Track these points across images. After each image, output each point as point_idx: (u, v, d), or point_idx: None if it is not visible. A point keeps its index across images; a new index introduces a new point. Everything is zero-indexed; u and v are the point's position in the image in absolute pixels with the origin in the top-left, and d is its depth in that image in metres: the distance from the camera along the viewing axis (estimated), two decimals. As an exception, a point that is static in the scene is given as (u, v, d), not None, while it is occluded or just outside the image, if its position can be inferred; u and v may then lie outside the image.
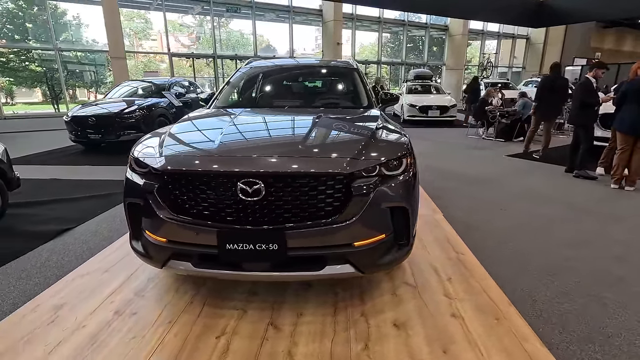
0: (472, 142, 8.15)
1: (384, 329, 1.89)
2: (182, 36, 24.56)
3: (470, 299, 2.13)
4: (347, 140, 2.02)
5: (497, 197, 4.13)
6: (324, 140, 1.98)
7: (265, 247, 1.71)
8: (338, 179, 1.70)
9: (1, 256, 2.70)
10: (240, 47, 22.55)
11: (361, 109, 2.84)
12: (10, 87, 21.48)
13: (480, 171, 5.40)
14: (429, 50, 24.85)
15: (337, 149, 1.86)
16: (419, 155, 6.53)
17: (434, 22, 23.81)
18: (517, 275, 2.43)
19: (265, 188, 1.66)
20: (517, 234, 3.09)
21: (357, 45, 28.52)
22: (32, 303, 2.12)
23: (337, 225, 1.74)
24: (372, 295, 2.18)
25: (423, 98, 11.52)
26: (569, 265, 2.56)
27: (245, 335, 1.85)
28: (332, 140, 2.02)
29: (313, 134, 2.00)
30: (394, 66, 25.48)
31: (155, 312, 2.05)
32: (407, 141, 2.10)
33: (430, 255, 2.68)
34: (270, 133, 2.13)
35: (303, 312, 2.03)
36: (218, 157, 1.75)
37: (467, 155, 6.77)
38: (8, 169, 3.43)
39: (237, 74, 3.30)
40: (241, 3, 17.88)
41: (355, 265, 1.82)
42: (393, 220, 1.92)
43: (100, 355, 1.72)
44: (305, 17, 20.61)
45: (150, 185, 1.81)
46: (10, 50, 18.28)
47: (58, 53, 15.03)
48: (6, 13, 17.57)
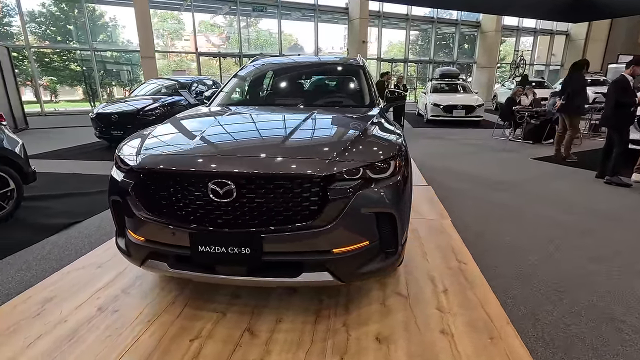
0: (497, 144, 7.75)
1: (365, 342, 1.77)
2: (213, 36, 25.18)
3: (465, 314, 1.97)
4: (329, 141, 1.91)
5: (515, 202, 3.86)
6: (305, 141, 1.88)
7: (237, 251, 1.64)
8: (313, 182, 1.61)
9: (8, 246, 2.82)
10: (268, 46, 22.73)
11: (360, 108, 2.72)
12: (55, 86, 22.90)
13: (500, 174, 5.10)
14: (459, 47, 24.03)
15: (316, 150, 1.76)
16: (434, 156, 6.29)
17: (465, 19, 22.97)
18: (522, 290, 2.23)
19: (236, 190, 1.59)
20: (530, 244, 2.85)
21: (385, 43, 28.14)
22: (25, 294, 2.18)
23: (313, 230, 1.64)
24: (358, 305, 2.07)
25: (448, 97, 11.10)
26: (584, 281, 2.32)
27: (220, 340, 1.80)
28: (314, 141, 1.93)
29: (296, 134, 1.92)
30: (422, 64, 24.85)
31: (137, 310, 2.04)
32: (399, 143, 1.96)
33: (428, 264, 2.52)
34: (252, 133, 2.06)
35: (283, 319, 1.95)
36: (190, 156, 1.70)
37: (488, 157, 6.43)
38: (24, 164, 3.58)
39: (239, 72, 3.26)
40: (267, 2, 18.02)
41: (333, 274, 1.72)
42: (379, 226, 1.80)
43: (75, 351, 1.72)
44: (331, 15, 20.49)
45: (129, 184, 1.79)
46: (53, 51, 19.42)
47: (93, 53, 15.77)
48: (50, 16, 18.68)
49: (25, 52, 15.42)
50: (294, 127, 2.03)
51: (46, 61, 19.27)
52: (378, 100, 2.96)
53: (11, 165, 3.45)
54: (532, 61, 26.11)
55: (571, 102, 5.63)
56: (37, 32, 18.66)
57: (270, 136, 1.91)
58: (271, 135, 1.93)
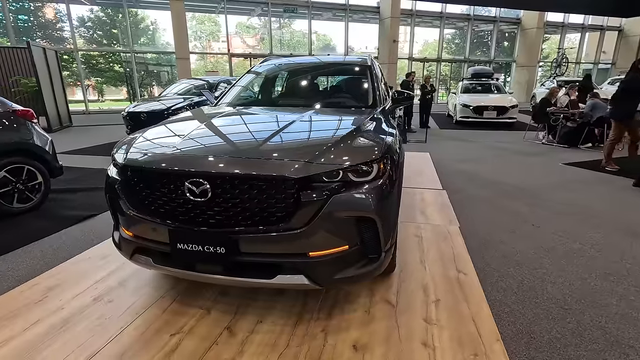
0: (527, 147, 7.31)
1: (340, 349, 1.73)
2: (248, 37, 25.83)
3: (452, 327, 1.87)
4: (310, 143, 1.87)
5: (535, 211, 3.62)
6: (286, 142, 1.86)
7: (212, 250, 1.66)
8: (286, 184, 1.59)
9: (30, 235, 3.04)
10: (301, 46, 22.92)
11: (359, 109, 2.66)
12: (101, 86, 24.49)
13: (524, 180, 4.80)
14: (497, 45, 22.95)
15: (293, 151, 1.74)
16: (455, 159, 6.07)
17: (504, 16, 21.91)
18: (523, 305, 2.07)
19: (212, 189, 1.61)
20: (542, 257, 2.65)
21: (421, 42, 27.47)
22: (32, 281, 2.34)
23: (287, 232, 1.62)
24: (342, 310, 2.02)
25: (479, 98, 10.64)
26: (594, 301, 2.12)
27: (199, 336, 1.83)
28: (295, 142, 1.90)
29: (278, 136, 1.91)
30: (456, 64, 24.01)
31: (129, 302, 2.12)
32: (386, 146, 1.89)
33: (425, 272, 2.42)
34: (237, 134, 2.07)
35: (264, 320, 1.94)
36: (169, 155, 1.74)
37: (515, 161, 6.08)
38: (52, 159, 3.84)
39: (246, 73, 3.31)
40: (298, 3, 18.17)
41: (310, 277, 1.69)
42: (360, 231, 1.75)
43: (64, 338, 1.82)
44: (363, 14, 20.32)
45: (118, 181, 1.87)
46: (99, 54, 20.75)
47: (133, 55, 16.65)
48: (97, 20, 19.98)
49: (74, 55, 16.57)
50: (280, 128, 2.02)
51: (93, 63, 20.64)
52: (382, 101, 2.89)
53: (40, 160, 3.72)
54: (579, 59, 24.44)
55: (622, 105, 5.08)
56: (86, 36, 20.01)
57: (252, 137, 1.91)
58: (253, 136, 1.93)
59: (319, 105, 2.78)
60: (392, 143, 2.02)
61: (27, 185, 3.57)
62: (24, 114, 3.67)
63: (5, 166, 3.41)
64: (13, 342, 1.78)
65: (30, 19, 19.50)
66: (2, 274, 2.47)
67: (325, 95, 3.03)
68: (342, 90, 3.16)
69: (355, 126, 2.09)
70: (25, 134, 3.64)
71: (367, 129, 2.08)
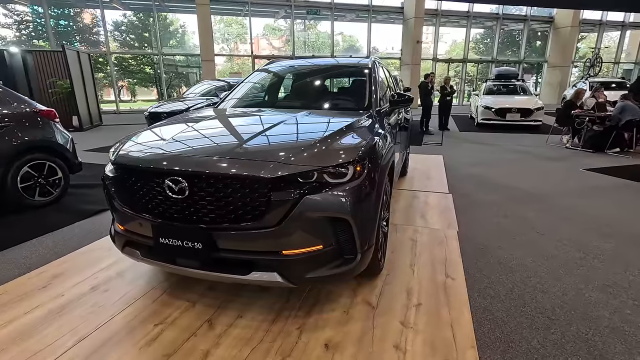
0: (549, 151, 7.01)
1: (312, 347, 1.76)
2: (274, 39, 26.27)
3: (428, 332, 1.86)
4: (289, 144, 1.91)
5: (542, 217, 3.48)
6: (264, 143, 1.92)
7: (190, 245, 1.74)
8: (259, 183, 1.64)
9: (46, 226, 3.26)
10: (325, 47, 23.02)
11: (352, 111, 2.68)
12: (133, 87, 25.68)
13: (538, 185, 4.62)
14: (527, 45, 22.09)
15: (270, 152, 1.78)
16: (470, 162, 5.95)
17: (536, 14, 21.05)
18: (507, 313, 2.02)
19: (189, 187, 1.69)
20: (539, 265, 2.56)
21: (447, 42, 26.89)
22: (41, 269, 2.52)
23: (260, 230, 1.68)
24: (321, 309, 2.05)
25: (502, 99, 10.30)
26: (584, 313, 2.02)
27: (180, 327, 1.91)
28: (274, 143, 1.95)
29: (261, 137, 1.96)
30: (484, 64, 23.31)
31: (122, 292, 2.24)
32: (367, 148, 1.91)
33: (412, 275, 2.41)
34: (221, 135, 2.14)
35: (244, 315, 2.01)
36: (152, 154, 1.83)
37: (533, 165, 5.85)
38: (72, 156, 4.11)
39: (249, 76, 3.40)
40: (321, 5, 18.27)
41: (283, 275, 1.73)
42: (335, 232, 1.77)
43: (58, 322, 1.96)
44: (387, 15, 20.14)
45: (110, 177, 1.99)
46: (131, 56, 21.73)
47: (161, 57, 17.32)
48: (129, 24, 20.95)
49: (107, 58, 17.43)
50: (263, 130, 2.08)
51: (125, 65, 21.65)
52: (379, 103, 2.88)
53: (60, 157, 3.98)
54: (618, 59, 23.09)
55: None
56: (119, 40, 21.03)
57: (233, 138, 1.97)
58: (235, 138, 1.99)
59: (313, 107, 2.82)
60: (375, 146, 2.03)
61: (48, 180, 3.83)
62: (47, 113, 3.94)
63: (29, 162, 3.68)
64: (14, 324, 1.94)
65: (70, 24, 20.73)
66: (17, 261, 2.68)
67: (320, 98, 3.06)
68: (338, 92, 3.20)
69: (340, 128, 2.12)
70: (48, 132, 3.91)
71: (351, 131, 2.10)
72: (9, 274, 2.49)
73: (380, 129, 2.37)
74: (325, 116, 2.53)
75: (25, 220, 3.46)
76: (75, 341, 1.81)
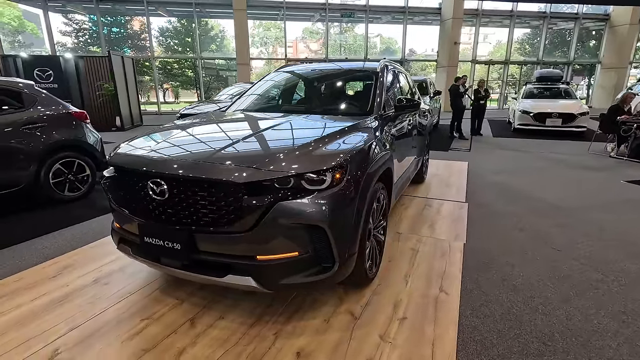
0: (590, 160, 6.46)
1: (283, 354, 1.75)
2: (312, 42, 26.58)
3: (406, 348, 1.78)
4: (269, 149, 1.92)
5: (564, 232, 3.22)
6: (247, 148, 1.93)
7: (171, 245, 1.79)
8: (233, 188, 1.66)
9: (70, 220, 3.53)
10: (362, 50, 22.88)
11: (354, 115, 2.63)
12: (177, 90, 27.06)
13: (567, 197, 4.27)
14: (578, 45, 20.56)
15: (247, 157, 1.80)
16: (499, 170, 5.70)
17: (588, 12, 19.55)
18: (498, 335, 1.88)
19: (169, 189, 1.75)
20: (547, 285, 2.35)
21: (489, 43, 25.75)
22: (54, 260, 2.72)
23: (233, 234, 1.70)
24: (302, 317, 2.04)
25: (542, 103, 9.67)
26: (588, 341, 1.83)
27: (164, 324, 1.98)
28: (255, 148, 1.96)
29: (243, 142, 1.99)
30: (529, 66, 22.04)
31: (120, 286, 2.37)
32: (349, 155, 1.87)
33: (405, 287, 2.32)
34: (210, 139, 2.19)
35: (226, 317, 2.04)
36: (140, 157, 1.91)
37: (565, 175, 5.42)
38: (100, 155, 4.41)
39: (259, 81, 3.47)
40: (356, 8, 18.21)
41: (257, 280, 1.74)
42: (312, 239, 1.76)
43: (58, 310, 2.10)
44: (424, 16, 19.68)
45: (105, 176, 2.11)
46: (174, 60, 22.91)
47: (200, 61, 18.10)
48: (173, 30, 22.12)
49: (151, 62, 18.52)
50: (250, 134, 2.11)
51: (168, 69, 22.88)
52: (383, 108, 2.82)
53: (89, 155, 4.29)
54: (687, 59, 20.84)
55: None
56: (164, 44, 22.27)
57: (217, 143, 2.00)
58: (219, 142, 2.02)
59: (315, 111, 2.82)
60: (362, 152, 1.99)
61: (77, 177, 4.14)
62: (79, 115, 4.26)
63: (60, 159, 4.00)
64: (20, 309, 2.11)
65: (121, 31, 22.27)
66: (38, 251, 2.91)
67: (323, 102, 3.05)
68: (342, 96, 3.15)
69: (329, 133, 2.09)
70: (79, 132, 4.23)
71: (340, 136, 2.07)
72: (28, 262, 2.71)
73: (375, 134, 2.32)
74: (321, 121, 2.52)
75: (53, 213, 3.75)
76: (67, 330, 1.93)
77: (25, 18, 23.44)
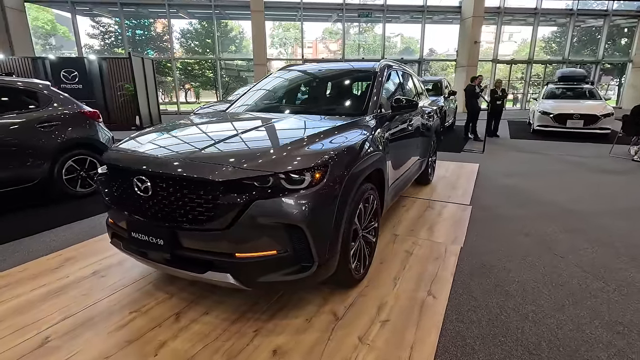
0: (610, 163, 6.16)
1: (260, 351, 1.77)
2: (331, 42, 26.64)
3: (384, 351, 1.76)
4: (250, 149, 1.93)
5: (571, 238, 3.08)
6: (228, 147, 1.96)
7: (154, 241, 1.84)
8: (211, 186, 1.69)
9: (79, 215, 3.68)
10: (384, 49, 22.71)
11: (347, 116, 2.62)
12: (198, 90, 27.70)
13: (580, 201, 4.10)
14: (608, 43, 19.65)
15: (227, 156, 1.82)
16: (511, 173, 5.57)
17: (619, 8, 18.65)
18: (482, 341, 1.83)
19: (152, 186, 1.80)
20: (542, 292, 2.26)
21: (518, 42, 25.01)
22: (59, 252, 2.85)
23: (212, 232, 1.73)
24: (285, 315, 2.05)
25: (563, 104, 9.31)
26: (577, 351, 1.75)
27: (150, 317, 2.04)
28: (236, 147, 1.98)
29: (227, 141, 2.02)
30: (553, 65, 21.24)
31: (115, 279, 2.45)
32: (330, 156, 1.86)
33: (392, 289, 2.29)
34: (197, 138, 2.22)
35: (210, 312, 2.08)
36: (128, 155, 1.98)
37: (581, 178, 5.19)
38: (111, 152, 4.56)
39: (260, 81, 3.51)
40: (373, 7, 18.09)
41: (235, 277, 1.77)
42: (290, 238, 1.77)
43: (54, 300, 2.20)
44: (443, 15, 19.34)
45: (99, 173, 2.20)
46: (194, 61, 23.44)
47: (218, 62, 18.44)
48: (194, 31, 22.64)
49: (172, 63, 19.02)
50: (235, 134, 2.14)
51: (189, 69, 23.43)
52: (378, 108, 2.80)
53: (101, 153, 4.43)
54: None
55: None
56: (185, 46, 22.83)
57: (202, 142, 2.04)
58: (204, 141, 2.06)
59: (311, 111, 2.83)
60: (346, 152, 1.98)
61: (89, 174, 4.31)
62: (91, 114, 4.43)
63: (73, 157, 4.17)
64: (19, 299, 2.22)
65: (145, 33, 22.98)
66: (45, 243, 3.05)
67: (318, 102, 3.05)
68: (338, 96, 3.14)
69: (315, 133, 2.10)
70: (92, 131, 4.40)
71: (325, 136, 2.07)
72: (35, 254, 2.85)
73: (365, 134, 2.30)
74: (312, 120, 2.52)
75: (65, 207, 3.92)
76: (61, 319, 2.02)
77: (57, 22, 24.58)
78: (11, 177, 3.72)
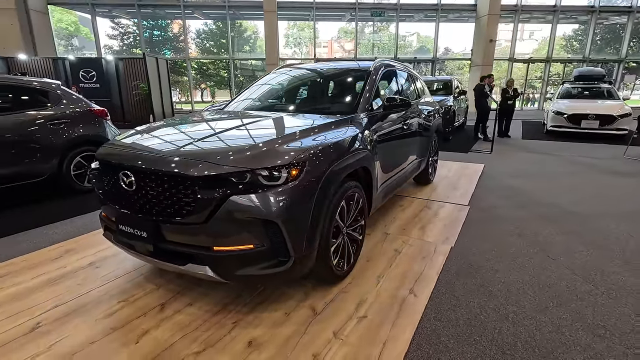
0: (623, 165, 5.96)
1: (236, 342, 1.82)
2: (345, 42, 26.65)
3: (356, 346, 1.78)
4: (229, 145, 1.98)
5: (566, 241, 3.01)
6: (208, 145, 2.01)
7: (139, 233, 1.92)
8: (188, 181, 1.75)
9: (83, 209, 3.83)
10: (398, 48, 22.52)
11: (335, 114, 2.64)
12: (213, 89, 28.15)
13: (584, 204, 3.98)
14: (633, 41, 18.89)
15: (206, 153, 1.88)
16: (517, 174, 5.48)
17: (644, 4, 17.91)
18: (457, 340, 1.82)
19: (136, 181, 1.87)
20: (526, 293, 2.22)
21: (538, 40, 24.40)
22: (60, 244, 2.98)
23: (191, 225, 1.79)
24: (266, 308, 2.10)
25: (577, 104, 9.04)
26: (551, 353, 1.72)
27: (136, 307, 2.12)
28: (216, 144, 2.04)
29: (208, 138, 2.08)
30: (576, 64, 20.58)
31: (109, 270, 2.55)
32: (309, 153, 1.90)
33: (374, 287, 2.31)
34: (183, 135, 2.29)
35: (194, 304, 2.15)
36: (116, 150, 2.06)
37: (590, 180, 5.04)
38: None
39: (257, 80, 3.57)
40: (386, 6, 17.97)
41: (214, 270, 1.83)
42: (266, 233, 1.81)
43: (50, 289, 2.31)
44: (459, 14, 19.01)
45: (93, 168, 2.30)
46: (209, 61, 23.81)
47: (232, 62, 18.69)
48: (209, 32, 22.99)
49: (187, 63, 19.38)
50: (220, 131, 2.20)
51: (204, 69, 23.82)
52: (369, 107, 2.81)
53: (108, 149, 4.61)
54: None
55: None
56: (200, 46, 23.22)
57: (186, 139, 2.12)
58: (188, 138, 2.13)
59: (301, 109, 2.87)
60: (326, 150, 2.01)
61: (96, 169, 4.47)
62: (100, 112, 4.60)
63: (81, 153, 4.34)
64: (18, 287, 2.34)
65: (162, 33, 23.47)
66: (48, 235, 3.20)
67: (310, 101, 3.09)
68: (328, 95, 3.16)
69: (297, 130, 2.14)
70: (100, 128, 4.56)
71: (304, 134, 2.10)
72: (38, 245, 2.99)
73: (350, 132, 2.32)
74: (299, 119, 2.56)
75: (71, 202, 4.09)
76: (53, 306, 2.13)
77: (80, 23, 25.43)
78: (22, 172, 3.90)
